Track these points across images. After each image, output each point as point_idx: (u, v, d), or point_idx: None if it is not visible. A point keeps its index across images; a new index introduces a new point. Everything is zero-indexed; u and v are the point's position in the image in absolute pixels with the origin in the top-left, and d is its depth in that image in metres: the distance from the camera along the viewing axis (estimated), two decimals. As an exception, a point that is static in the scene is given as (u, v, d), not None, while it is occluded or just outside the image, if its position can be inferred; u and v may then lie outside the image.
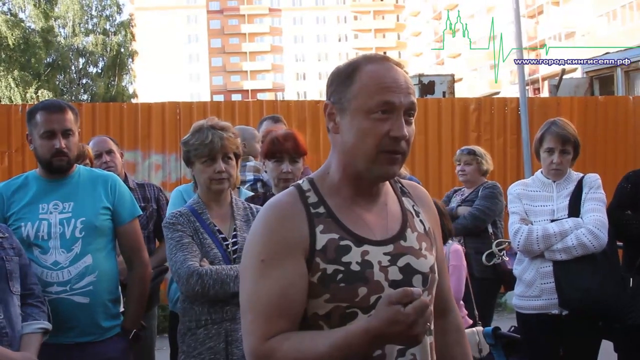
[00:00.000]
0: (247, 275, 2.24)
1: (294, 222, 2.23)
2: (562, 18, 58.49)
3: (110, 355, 4.14)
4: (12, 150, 11.24)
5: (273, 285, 2.17)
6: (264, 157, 4.76)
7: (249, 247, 2.28)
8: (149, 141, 11.53)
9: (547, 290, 5.00)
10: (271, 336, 2.14)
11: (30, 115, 4.16)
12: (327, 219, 2.26)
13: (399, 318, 1.97)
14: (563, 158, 5.14)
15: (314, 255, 2.21)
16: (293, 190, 2.33)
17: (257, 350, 2.15)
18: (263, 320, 2.16)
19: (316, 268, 2.20)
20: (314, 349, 2.10)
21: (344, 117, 2.29)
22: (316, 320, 2.22)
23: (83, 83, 42.72)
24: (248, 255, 2.26)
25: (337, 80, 2.32)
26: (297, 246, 2.20)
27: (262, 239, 2.23)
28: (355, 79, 2.27)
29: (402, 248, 2.32)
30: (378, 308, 2.03)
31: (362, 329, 2.05)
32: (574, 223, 4.97)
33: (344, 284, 2.19)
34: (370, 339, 2.04)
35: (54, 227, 4.06)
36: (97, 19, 43.10)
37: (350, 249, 2.23)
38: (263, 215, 2.28)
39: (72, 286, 4.02)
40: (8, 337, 3.57)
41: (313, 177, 2.37)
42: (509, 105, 12.57)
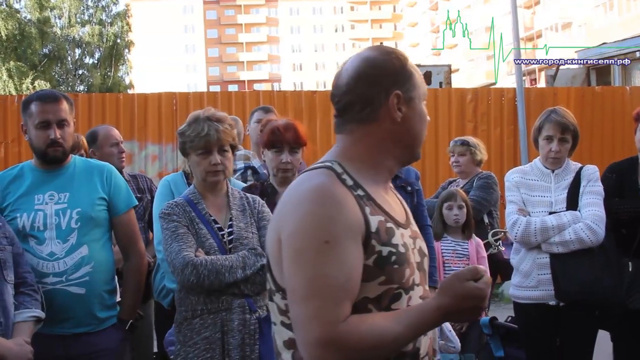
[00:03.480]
0: (305, 259, 2.11)
1: (348, 202, 2.19)
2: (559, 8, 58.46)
3: (106, 345, 4.13)
4: (8, 141, 11.25)
5: (340, 268, 2.10)
6: (263, 146, 4.75)
7: (303, 229, 2.14)
8: (145, 132, 11.54)
9: (544, 281, 5.00)
10: (341, 321, 2.08)
11: (25, 105, 4.15)
12: (369, 201, 2.26)
13: (475, 293, 2.12)
14: (562, 146, 5.13)
15: (370, 237, 2.19)
16: (328, 172, 2.27)
17: (328, 336, 2.06)
18: (333, 305, 2.08)
19: (372, 250, 2.19)
20: (388, 329, 2.11)
21: (410, 106, 2.37)
22: (365, 304, 2.18)
23: (79, 74, 42.61)
24: (305, 238, 2.12)
25: (394, 71, 2.37)
26: (356, 228, 2.17)
27: (320, 220, 2.13)
28: (411, 71, 2.39)
29: (414, 232, 2.43)
30: (450, 285, 2.14)
31: (433, 307, 2.14)
32: (572, 217, 4.97)
33: (397, 265, 2.23)
34: (442, 315, 2.15)
35: (50, 217, 4.05)
36: (93, 10, 42.98)
37: (394, 231, 2.27)
38: (312, 196, 2.18)
39: (68, 277, 4.01)
40: (2, 326, 3.57)
41: (339, 161, 2.34)
42: (506, 95, 12.59)
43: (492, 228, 6.79)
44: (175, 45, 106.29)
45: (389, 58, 2.38)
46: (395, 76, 2.36)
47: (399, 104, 2.34)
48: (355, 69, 2.37)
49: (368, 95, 2.34)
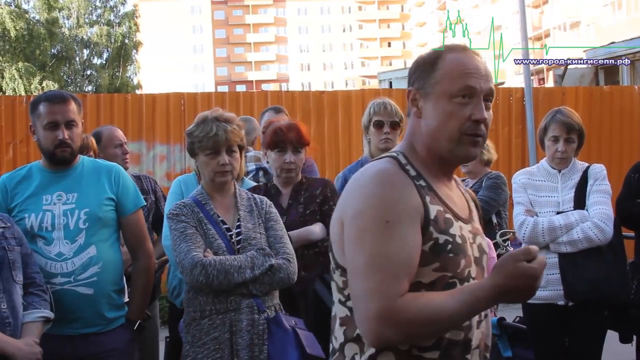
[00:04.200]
0: (367, 237, 2.22)
1: (408, 188, 2.29)
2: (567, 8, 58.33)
3: (114, 346, 4.14)
4: (17, 141, 11.26)
5: (401, 246, 2.20)
6: (266, 147, 4.75)
7: (365, 209, 2.25)
8: (153, 132, 11.54)
9: (552, 281, 4.99)
10: (399, 296, 2.17)
11: (34, 106, 4.16)
12: (430, 192, 2.36)
13: (529, 272, 2.16)
14: (568, 146, 5.12)
15: (429, 223, 2.28)
16: (392, 161, 2.39)
17: (387, 309, 2.16)
18: (392, 280, 2.18)
19: (429, 237, 2.28)
20: (445, 306, 2.17)
21: (427, 101, 2.42)
22: (418, 289, 2.26)
23: (87, 74, 42.71)
24: (367, 218, 2.23)
25: (421, 67, 2.47)
26: (416, 213, 2.26)
27: (382, 202, 2.24)
28: (438, 66, 2.42)
29: (475, 229, 2.51)
30: (504, 265, 2.18)
31: (489, 285, 2.19)
32: (579, 216, 4.96)
33: (452, 254, 2.31)
34: (497, 294, 2.19)
35: (58, 218, 4.06)
36: (102, 10, 43.09)
37: (452, 222, 2.36)
38: (376, 180, 2.29)
39: (76, 277, 4.02)
40: (11, 326, 3.58)
41: (404, 152, 2.45)
42: (514, 95, 12.57)
43: (501, 228, 6.76)
44: (183, 45, 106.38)
45: (427, 55, 2.50)
46: (419, 72, 2.47)
47: (416, 99, 2.46)
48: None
49: (409, 91, 2.50)
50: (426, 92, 2.43)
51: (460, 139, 2.38)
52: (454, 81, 2.38)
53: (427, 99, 2.43)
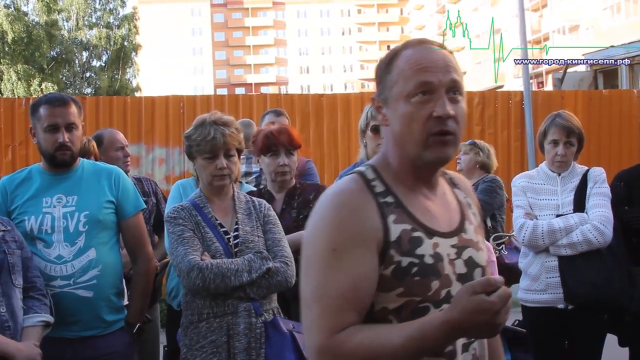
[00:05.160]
0: (313, 264, 2.10)
1: (366, 211, 2.12)
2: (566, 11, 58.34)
3: (114, 349, 4.14)
4: (16, 143, 11.28)
5: (345, 276, 2.05)
6: (259, 152, 4.75)
7: (315, 235, 2.13)
8: (152, 135, 11.56)
9: (552, 285, 5.00)
10: (340, 330, 2.02)
11: (34, 108, 4.16)
12: (397, 209, 2.17)
13: (485, 307, 1.92)
14: (567, 150, 5.13)
15: (389, 247, 2.11)
16: (357, 177, 2.22)
17: (324, 345, 2.03)
18: (332, 313, 2.04)
19: (390, 260, 2.11)
20: (387, 341, 2.00)
21: (388, 107, 2.24)
22: (385, 315, 2.12)
23: (87, 77, 42.70)
24: (315, 244, 2.12)
25: (379, 72, 2.29)
26: (370, 237, 2.09)
27: (332, 227, 2.09)
28: (392, 67, 2.23)
29: (464, 241, 2.27)
30: (459, 298, 1.96)
31: (440, 321, 1.97)
32: (579, 218, 4.97)
33: (418, 277, 2.11)
34: (449, 331, 1.97)
35: (58, 220, 4.06)
36: (101, 13, 43.07)
37: (422, 240, 2.15)
38: (330, 203, 2.15)
39: (76, 280, 4.02)
40: (10, 330, 3.59)
41: (374, 165, 2.28)
42: (513, 98, 12.58)
43: (496, 232, 6.76)
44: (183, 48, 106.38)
45: (385, 55, 2.31)
46: (378, 77, 2.30)
47: (380, 107, 2.29)
48: None
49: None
50: (386, 98, 2.25)
51: (428, 142, 2.17)
52: (409, 79, 2.18)
53: (388, 104, 2.24)
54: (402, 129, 2.20)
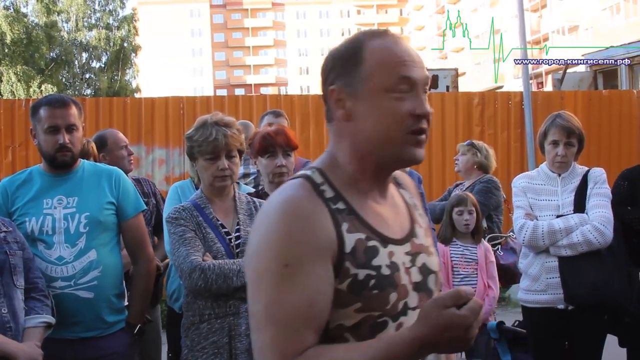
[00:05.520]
0: (264, 282, 1.87)
1: (317, 219, 1.91)
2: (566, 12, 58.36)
3: (115, 350, 4.14)
4: (16, 145, 11.27)
5: (300, 294, 1.84)
6: (256, 154, 4.75)
7: (264, 249, 1.89)
8: (152, 136, 11.55)
9: (552, 285, 5.00)
10: (298, 352, 1.83)
11: (34, 110, 4.16)
12: (349, 216, 1.97)
13: (456, 321, 1.77)
14: (568, 150, 5.13)
15: (344, 259, 1.91)
16: (304, 182, 2.00)
17: None
18: (289, 334, 1.84)
19: (346, 274, 1.91)
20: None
21: (358, 100, 2.02)
22: (341, 332, 1.93)
23: (86, 78, 42.74)
24: (264, 259, 1.88)
25: (340, 62, 2.06)
26: (325, 248, 1.89)
27: (282, 239, 1.87)
28: (362, 58, 2.02)
29: (416, 246, 2.11)
30: (428, 313, 1.80)
31: (409, 338, 1.81)
32: (579, 219, 4.97)
33: (376, 290, 1.94)
34: (419, 348, 1.82)
35: (59, 222, 4.06)
36: (101, 14, 43.10)
37: (378, 250, 1.98)
38: (278, 212, 1.91)
39: (77, 281, 4.02)
40: (12, 331, 3.59)
41: (320, 167, 2.06)
42: (513, 99, 12.58)
43: (492, 232, 6.77)
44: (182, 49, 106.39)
45: (342, 46, 2.08)
46: (339, 67, 2.06)
47: (341, 99, 2.04)
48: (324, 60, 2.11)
49: (324, 90, 2.10)
50: (355, 90, 2.02)
51: (405, 140, 2.01)
52: (389, 73, 1.99)
53: (357, 98, 2.01)
54: (378, 126, 2.00)
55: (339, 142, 2.09)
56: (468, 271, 5.89)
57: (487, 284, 5.91)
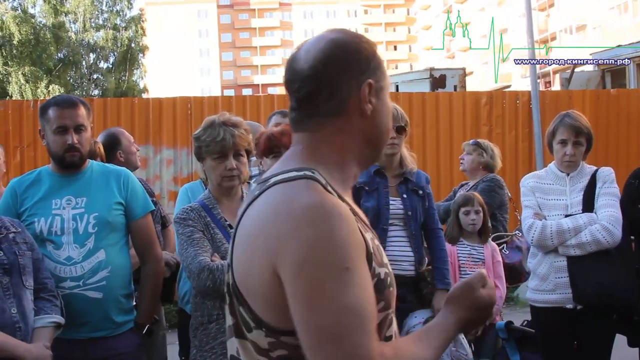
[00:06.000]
0: (327, 290, 1.75)
1: (352, 219, 1.85)
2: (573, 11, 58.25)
3: (123, 350, 4.15)
4: (24, 145, 11.29)
5: (365, 296, 1.78)
6: (261, 154, 4.74)
7: (317, 256, 1.76)
8: (160, 136, 11.56)
9: (561, 285, 4.99)
10: (380, 355, 1.76)
11: (43, 110, 4.17)
12: (355, 216, 1.91)
13: (487, 301, 2.05)
14: (576, 150, 5.11)
15: (371, 258, 1.87)
16: (315, 184, 1.89)
17: None
18: (368, 339, 1.75)
19: (373, 273, 1.87)
20: (421, 354, 1.90)
21: (378, 97, 2.04)
22: None
23: (94, 78, 42.78)
24: (321, 267, 1.76)
25: (366, 58, 2.03)
26: (363, 248, 1.84)
27: (335, 242, 1.77)
28: (381, 58, 2.07)
29: None
30: (463, 297, 2.04)
31: (452, 323, 2.02)
32: (588, 219, 4.95)
33: (391, 287, 1.96)
34: (460, 329, 2.05)
35: (67, 222, 4.07)
36: (108, 14, 43.12)
37: (379, 247, 1.98)
38: (318, 215, 1.80)
39: (86, 281, 4.03)
40: (22, 331, 3.60)
41: (314, 168, 1.96)
42: (521, 98, 12.56)
43: (497, 231, 6.75)
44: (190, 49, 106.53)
45: (359, 42, 2.04)
46: (368, 62, 2.02)
47: (370, 94, 2.00)
48: (323, 51, 2.00)
49: (337, 82, 1.98)
50: (380, 87, 2.04)
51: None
52: (388, 76, 2.10)
53: (379, 94, 2.04)
54: (389, 123, 2.09)
55: (329, 138, 2.02)
56: (475, 271, 5.88)
57: (494, 283, 5.90)
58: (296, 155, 2.03)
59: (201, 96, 12.48)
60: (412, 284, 5.24)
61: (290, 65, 2.04)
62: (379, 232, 5.13)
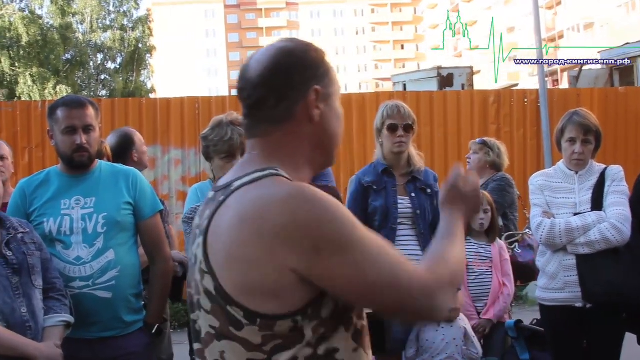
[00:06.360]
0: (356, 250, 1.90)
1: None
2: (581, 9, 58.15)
3: (133, 349, 4.14)
4: (33, 146, 11.32)
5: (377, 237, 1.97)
6: None
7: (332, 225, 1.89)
8: (168, 136, 11.57)
9: (570, 283, 4.97)
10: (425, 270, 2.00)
11: (52, 111, 4.17)
12: None
13: (473, 188, 2.37)
14: (585, 148, 5.09)
15: None
16: (282, 178, 2.02)
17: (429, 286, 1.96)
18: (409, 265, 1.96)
19: None
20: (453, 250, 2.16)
21: (327, 103, 2.13)
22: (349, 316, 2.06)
23: (102, 79, 42.84)
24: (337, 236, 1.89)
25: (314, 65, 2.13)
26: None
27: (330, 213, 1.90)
28: (329, 65, 2.18)
29: None
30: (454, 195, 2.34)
31: (459, 217, 2.30)
32: (597, 217, 4.94)
33: None
34: (466, 219, 2.35)
35: (76, 222, 4.07)
36: (115, 15, 43.15)
37: None
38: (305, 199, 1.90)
39: (95, 281, 4.03)
40: (32, 330, 3.62)
41: (282, 172, 2.05)
42: (529, 97, 12.55)
43: (508, 230, 6.74)
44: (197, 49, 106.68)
45: (307, 49, 2.15)
46: (315, 69, 2.12)
47: (318, 100, 2.09)
48: (271, 59, 2.12)
49: (285, 89, 2.07)
50: (328, 93, 2.13)
51: None
52: (338, 81, 2.20)
53: (328, 100, 2.13)
54: (339, 128, 2.20)
55: (279, 143, 2.10)
56: (482, 269, 5.87)
57: (502, 282, 5.88)
58: (252, 160, 2.12)
59: (209, 96, 12.50)
60: (421, 283, 5.23)
61: (242, 75, 2.17)
62: (387, 231, 5.13)
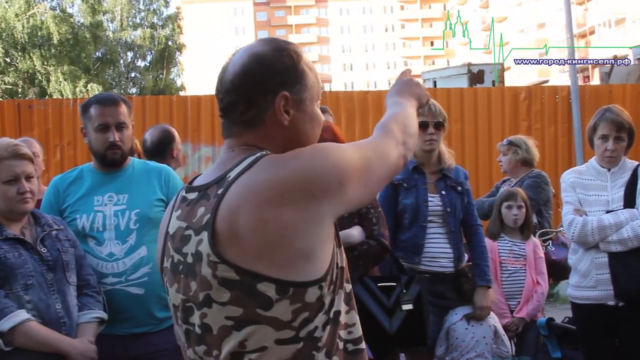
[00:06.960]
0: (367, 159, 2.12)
1: None
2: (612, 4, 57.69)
3: (164, 346, 4.13)
4: (64, 143, 11.42)
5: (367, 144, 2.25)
6: None
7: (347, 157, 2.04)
8: (198, 133, 11.64)
9: (602, 281, 4.94)
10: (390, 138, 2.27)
11: (85, 108, 4.20)
12: None
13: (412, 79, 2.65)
14: (617, 145, 5.05)
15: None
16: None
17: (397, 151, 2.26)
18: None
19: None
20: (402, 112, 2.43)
21: (299, 108, 2.15)
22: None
23: (132, 77, 43.17)
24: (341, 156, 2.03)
25: (285, 70, 2.15)
26: None
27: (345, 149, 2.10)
28: (305, 68, 2.19)
29: None
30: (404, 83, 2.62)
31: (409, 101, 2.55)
32: (629, 214, 4.90)
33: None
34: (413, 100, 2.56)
35: (109, 219, 4.09)
36: (145, 13, 43.45)
37: None
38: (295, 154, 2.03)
39: (127, 277, 4.05)
40: (66, 326, 3.65)
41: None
42: (560, 93, 12.48)
43: (542, 228, 6.71)
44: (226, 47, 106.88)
45: (279, 55, 2.16)
46: (285, 76, 2.14)
47: (287, 106, 2.12)
48: (242, 65, 2.15)
49: (253, 96, 2.13)
50: (300, 98, 2.16)
51: None
52: (318, 84, 2.23)
53: (300, 105, 2.16)
54: (313, 131, 2.22)
55: (265, 145, 2.13)
56: (516, 267, 5.85)
57: (536, 280, 5.85)
58: (231, 158, 2.14)
59: (239, 93, 12.52)
60: (451, 281, 5.23)
61: (220, 76, 2.22)
62: (417, 229, 5.12)
